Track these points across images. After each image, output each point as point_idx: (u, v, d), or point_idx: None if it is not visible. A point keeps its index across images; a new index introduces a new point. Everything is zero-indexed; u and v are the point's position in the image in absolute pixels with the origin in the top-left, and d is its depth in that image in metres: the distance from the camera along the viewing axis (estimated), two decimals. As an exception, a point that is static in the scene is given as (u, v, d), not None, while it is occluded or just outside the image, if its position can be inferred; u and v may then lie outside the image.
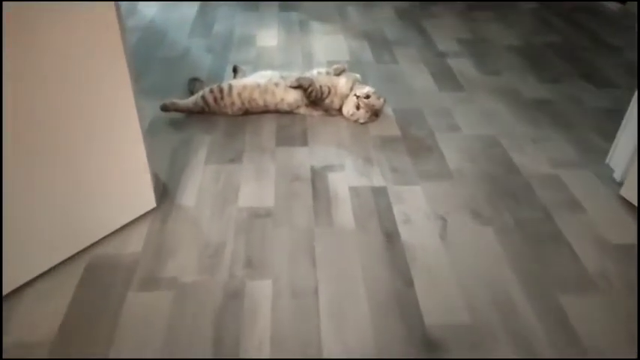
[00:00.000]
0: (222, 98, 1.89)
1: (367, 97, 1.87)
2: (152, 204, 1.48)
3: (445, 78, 2.28)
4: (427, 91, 2.18)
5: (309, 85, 1.87)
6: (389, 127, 1.92)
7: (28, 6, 1.02)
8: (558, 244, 1.41)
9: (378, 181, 1.62)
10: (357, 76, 2.00)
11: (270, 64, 2.36)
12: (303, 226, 1.44)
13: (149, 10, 2.96)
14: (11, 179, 1.11)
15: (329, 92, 1.91)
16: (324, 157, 1.74)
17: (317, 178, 1.63)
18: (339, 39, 2.65)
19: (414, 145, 1.81)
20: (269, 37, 2.66)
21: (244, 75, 2.07)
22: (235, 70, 2.12)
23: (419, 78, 2.28)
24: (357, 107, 1.87)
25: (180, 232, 1.41)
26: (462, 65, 2.40)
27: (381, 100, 1.91)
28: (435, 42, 2.64)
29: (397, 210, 1.51)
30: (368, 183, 1.62)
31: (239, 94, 1.89)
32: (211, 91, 1.89)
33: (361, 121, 1.90)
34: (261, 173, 1.65)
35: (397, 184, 1.61)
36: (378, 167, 1.69)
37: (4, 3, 1.01)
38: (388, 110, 2.01)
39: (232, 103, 1.90)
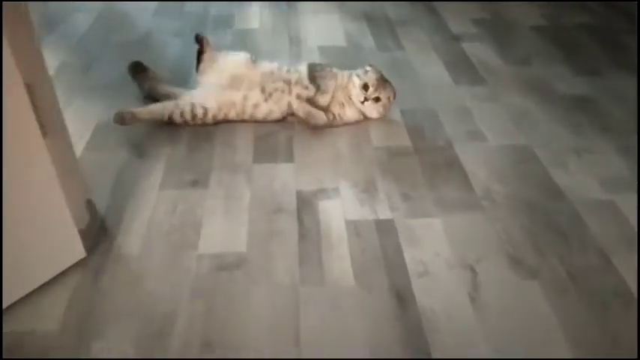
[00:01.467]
0: (193, 120, 1.50)
1: (365, 87, 1.50)
2: (80, 253, 1.10)
3: (461, 68, 1.89)
4: (441, 85, 1.78)
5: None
6: (396, 134, 1.53)
7: None
8: (626, 305, 1.04)
9: (383, 212, 1.25)
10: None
11: (248, 50, 1.95)
12: (285, 284, 1.07)
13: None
14: None
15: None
16: (314, 177, 1.35)
17: (305, 209, 1.25)
18: (334, 20, 2.23)
19: (429, 160, 1.43)
20: (250, 17, 2.24)
21: (213, 51, 1.64)
22: (201, 42, 1.64)
23: (430, 68, 1.89)
24: (364, 100, 1.51)
25: (115, 298, 1.03)
26: (481, 51, 2.00)
27: (388, 90, 1.54)
28: (447, 22, 2.23)
29: (410, 256, 1.13)
30: (371, 215, 1.24)
31: (214, 117, 1.51)
32: (182, 114, 1.49)
33: (374, 115, 1.56)
34: (231, 202, 1.27)
35: (409, 217, 1.24)
36: (384, 192, 1.31)
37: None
38: (395, 112, 1.62)
39: (205, 124, 1.52)
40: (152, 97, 1.57)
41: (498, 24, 2.23)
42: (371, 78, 1.51)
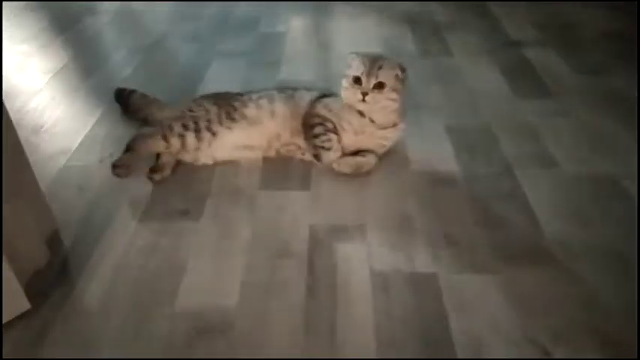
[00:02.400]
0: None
1: (357, 80, 1.13)
2: (23, 305, 0.85)
3: (523, 77, 1.57)
4: (498, 98, 1.47)
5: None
6: (440, 157, 1.22)
7: None
8: None
9: (422, 261, 0.95)
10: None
11: (270, 57, 1.70)
12: (282, 362, 0.78)
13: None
14: None
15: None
16: (333, 210, 1.07)
17: (318, 252, 0.97)
18: (370, 24, 1.96)
19: (482, 190, 1.12)
20: (277, 20, 2.00)
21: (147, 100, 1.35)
22: (126, 97, 1.38)
23: (484, 77, 1.58)
24: (363, 97, 1.13)
25: (54, 372, 0.78)
26: (546, 59, 1.67)
27: (388, 66, 1.14)
28: (504, 26, 1.91)
29: (458, 328, 0.83)
30: (405, 265, 0.94)
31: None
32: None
33: (392, 108, 1.16)
34: (226, 240, 1.00)
35: (456, 271, 0.93)
36: (423, 233, 1.01)
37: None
38: (438, 129, 1.32)
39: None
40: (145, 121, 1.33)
41: (563, 28, 1.89)
42: (357, 63, 1.13)
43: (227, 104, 1.21)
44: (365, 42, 1.80)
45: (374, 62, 1.14)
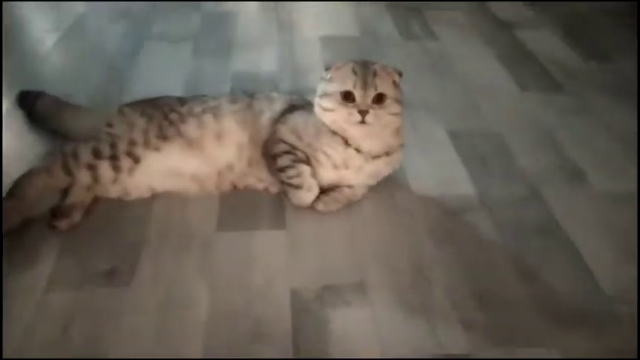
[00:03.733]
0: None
1: (347, 95, 0.82)
2: None
3: (524, 66, 1.33)
4: (501, 93, 1.22)
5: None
6: (449, 174, 0.96)
7: None
8: None
9: (449, 336, 0.68)
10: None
11: (220, 44, 1.38)
12: None
13: None
14: None
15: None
16: (319, 259, 0.79)
17: (305, 328, 0.69)
18: (340, 2, 1.66)
19: (508, 222, 0.86)
20: (226, -3, 1.67)
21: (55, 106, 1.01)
22: (31, 102, 1.03)
23: (479, 66, 1.33)
24: (363, 117, 0.82)
25: None
26: (546, 43, 1.44)
27: (384, 72, 0.85)
28: (490, 5, 1.66)
29: None
30: (426, 340, 0.67)
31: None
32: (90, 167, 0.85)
33: (393, 124, 0.86)
34: (170, 314, 0.70)
35: (495, 342, 0.68)
36: (444, 292, 0.74)
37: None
38: (440, 134, 1.06)
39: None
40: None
41: (559, 5, 1.66)
42: (343, 74, 0.83)
43: (160, 115, 0.89)
44: (337, 23, 1.51)
45: (366, 68, 0.83)
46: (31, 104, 1.03)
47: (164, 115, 0.88)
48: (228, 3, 1.61)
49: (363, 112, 0.81)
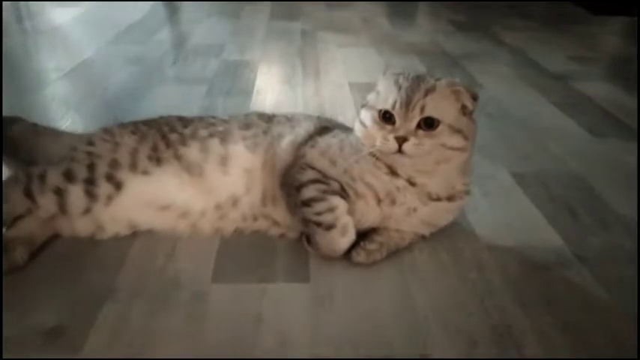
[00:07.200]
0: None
1: (386, 115, 0.62)
2: None
3: (588, 113, 1.14)
4: (568, 136, 1.02)
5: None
6: (524, 219, 0.74)
7: None
8: None
9: None
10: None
11: (239, 85, 1.24)
12: None
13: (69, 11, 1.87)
14: None
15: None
16: (361, 324, 0.55)
17: None
18: (368, 52, 1.53)
19: (612, 279, 0.62)
20: (247, 46, 1.55)
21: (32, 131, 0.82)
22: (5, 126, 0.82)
23: (538, 109, 1.14)
24: (400, 146, 0.60)
25: None
26: (603, 91, 1.26)
27: (444, 88, 0.62)
28: (537, 60, 1.51)
29: None
30: None
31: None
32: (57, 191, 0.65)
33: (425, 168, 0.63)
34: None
35: None
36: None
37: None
38: (501, 174, 0.85)
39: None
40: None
41: (607, 59, 1.51)
42: (387, 86, 0.64)
43: (157, 135, 0.70)
44: (369, 69, 1.36)
45: (416, 84, 0.62)
46: (6, 129, 0.85)
47: (162, 135, 0.69)
48: (253, 50, 1.49)
49: (399, 139, 0.60)
